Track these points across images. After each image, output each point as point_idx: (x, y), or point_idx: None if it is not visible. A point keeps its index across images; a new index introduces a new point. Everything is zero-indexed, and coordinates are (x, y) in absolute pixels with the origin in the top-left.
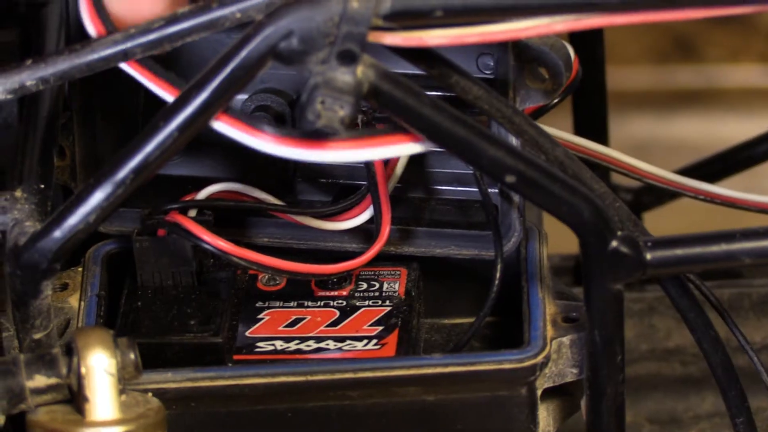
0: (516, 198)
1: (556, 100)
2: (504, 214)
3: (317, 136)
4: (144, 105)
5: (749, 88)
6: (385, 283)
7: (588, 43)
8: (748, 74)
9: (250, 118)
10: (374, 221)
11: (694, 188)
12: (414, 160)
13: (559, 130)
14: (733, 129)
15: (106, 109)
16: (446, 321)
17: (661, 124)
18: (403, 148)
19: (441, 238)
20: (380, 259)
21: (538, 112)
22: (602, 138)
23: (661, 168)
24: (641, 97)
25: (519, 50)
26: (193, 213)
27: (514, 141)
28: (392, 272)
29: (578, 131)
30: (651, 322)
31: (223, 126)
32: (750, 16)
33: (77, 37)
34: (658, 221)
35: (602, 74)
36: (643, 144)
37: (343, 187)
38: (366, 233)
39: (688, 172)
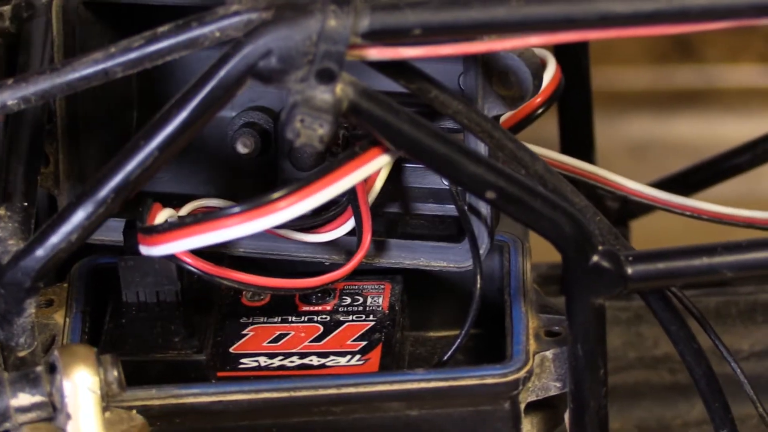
0: (484, 211)
1: (540, 110)
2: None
3: (265, 201)
4: (137, 119)
5: (748, 88)
6: (368, 297)
7: (572, 53)
8: (747, 74)
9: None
10: (356, 231)
11: (681, 205)
12: (392, 176)
13: (542, 148)
14: (732, 129)
15: (91, 119)
16: (431, 334)
17: (660, 124)
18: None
19: (411, 250)
20: (361, 272)
21: (522, 124)
22: (588, 147)
23: (650, 180)
24: (640, 97)
25: (488, 58)
26: None
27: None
28: (376, 286)
29: (564, 141)
30: (638, 330)
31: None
32: None
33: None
34: (649, 220)
35: (587, 83)
36: (642, 144)
37: None
38: (344, 245)
39: (675, 180)
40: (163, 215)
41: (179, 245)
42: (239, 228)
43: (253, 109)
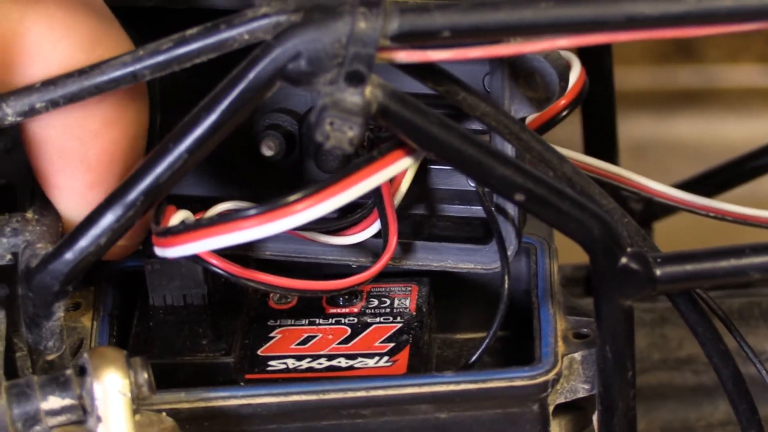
0: (511, 212)
1: (565, 112)
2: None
3: (281, 203)
4: (161, 123)
5: (749, 88)
6: (395, 299)
7: (595, 54)
8: (747, 74)
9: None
10: (381, 233)
11: (704, 206)
12: (417, 178)
13: (566, 149)
14: (733, 129)
15: None
16: (458, 336)
17: (661, 124)
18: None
19: (438, 251)
20: (387, 274)
21: (547, 126)
22: (612, 148)
23: (667, 181)
24: (641, 97)
25: (514, 60)
26: None
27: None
28: (403, 288)
29: (587, 142)
30: (663, 332)
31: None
32: None
33: None
34: (671, 222)
35: (610, 84)
36: (643, 144)
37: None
38: (370, 248)
39: (694, 182)
40: (178, 217)
41: (194, 247)
42: (255, 230)
43: (277, 110)
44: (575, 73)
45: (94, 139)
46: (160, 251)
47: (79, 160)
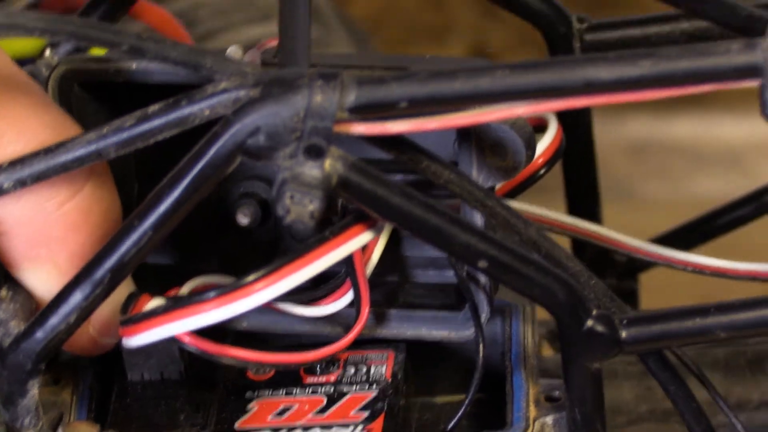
0: (482, 278)
1: (542, 171)
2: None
3: (240, 284)
4: (138, 191)
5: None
6: (372, 366)
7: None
8: None
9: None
10: (354, 303)
11: (681, 260)
12: (390, 245)
13: (546, 209)
14: (732, 129)
15: None
16: (437, 399)
17: (659, 124)
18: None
19: (412, 320)
20: (366, 341)
21: (525, 184)
22: (593, 204)
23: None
24: None
25: (480, 129)
26: None
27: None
28: (380, 355)
29: (569, 198)
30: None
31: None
32: None
33: None
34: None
35: (590, 141)
36: (641, 144)
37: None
38: (345, 317)
39: (679, 233)
40: (151, 305)
41: (156, 333)
42: (215, 313)
43: (251, 178)
44: (552, 132)
45: (60, 244)
46: (126, 340)
47: (51, 264)
